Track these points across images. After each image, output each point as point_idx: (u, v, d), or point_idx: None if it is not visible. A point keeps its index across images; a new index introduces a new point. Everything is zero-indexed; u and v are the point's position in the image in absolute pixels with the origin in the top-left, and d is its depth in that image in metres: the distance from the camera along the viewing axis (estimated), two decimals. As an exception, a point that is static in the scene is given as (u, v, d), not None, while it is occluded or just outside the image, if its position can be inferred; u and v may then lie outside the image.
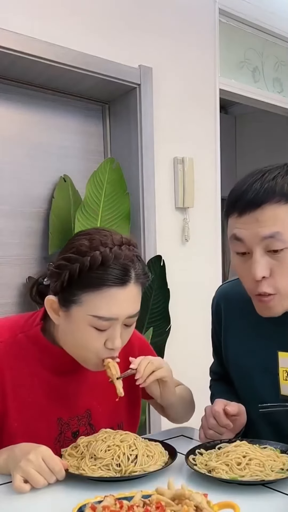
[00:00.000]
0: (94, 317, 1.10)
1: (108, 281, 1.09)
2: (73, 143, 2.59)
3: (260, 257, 1.09)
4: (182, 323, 2.60)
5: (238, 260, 1.15)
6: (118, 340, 1.13)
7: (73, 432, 1.22)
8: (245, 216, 1.10)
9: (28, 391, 1.18)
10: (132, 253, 1.14)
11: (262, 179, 1.10)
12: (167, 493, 0.87)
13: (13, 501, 1.00)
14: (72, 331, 1.14)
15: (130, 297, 1.13)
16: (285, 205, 1.08)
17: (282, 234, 1.07)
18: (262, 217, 1.08)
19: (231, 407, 1.20)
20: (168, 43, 2.64)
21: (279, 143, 4.10)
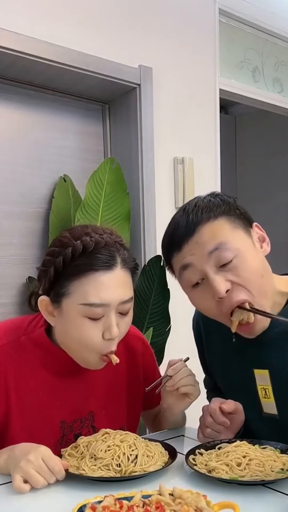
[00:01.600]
0: (84, 305, 1.09)
1: (93, 266, 1.09)
2: (73, 143, 2.59)
3: (215, 274, 1.09)
4: (182, 323, 2.59)
5: (195, 293, 1.15)
6: (115, 329, 1.10)
7: (76, 434, 1.22)
8: (185, 246, 1.11)
9: (31, 393, 1.18)
10: (114, 240, 1.15)
11: (186, 212, 1.14)
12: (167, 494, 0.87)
13: (13, 501, 1.00)
14: (67, 327, 1.13)
15: (118, 282, 1.11)
16: (216, 220, 1.11)
17: (226, 243, 1.09)
18: (201, 239, 1.10)
19: (226, 405, 1.20)
20: (168, 43, 2.64)
21: (279, 143, 4.10)
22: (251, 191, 4.28)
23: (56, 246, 1.15)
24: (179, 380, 1.20)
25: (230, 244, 1.09)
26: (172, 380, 1.20)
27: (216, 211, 1.12)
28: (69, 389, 1.22)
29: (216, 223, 1.10)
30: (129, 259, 1.16)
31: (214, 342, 1.31)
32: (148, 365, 1.38)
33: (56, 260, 1.11)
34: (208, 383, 1.46)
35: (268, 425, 1.22)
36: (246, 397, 1.23)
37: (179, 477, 1.07)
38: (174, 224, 1.15)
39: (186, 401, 1.25)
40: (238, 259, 1.09)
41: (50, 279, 1.12)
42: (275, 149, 4.14)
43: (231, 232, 1.10)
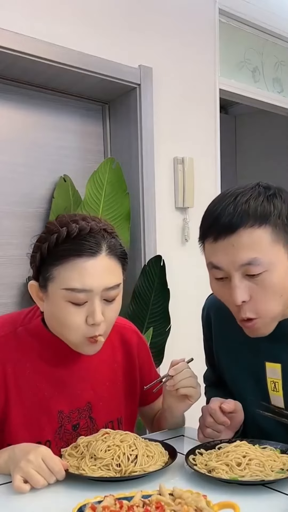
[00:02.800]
0: (67, 290, 1.09)
1: (76, 252, 1.10)
2: (73, 143, 2.59)
3: (239, 282, 1.09)
4: (182, 323, 2.60)
5: (217, 285, 1.15)
6: (98, 315, 1.10)
7: (74, 425, 1.23)
8: (220, 241, 1.09)
9: (30, 383, 1.19)
10: (101, 227, 1.15)
11: (235, 203, 1.08)
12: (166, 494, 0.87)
13: (13, 501, 1.00)
14: (52, 311, 1.14)
15: (103, 268, 1.12)
16: (259, 229, 1.06)
17: (259, 259, 1.07)
18: (237, 243, 1.07)
19: (226, 405, 1.20)
20: (168, 43, 2.64)
21: (279, 143, 4.10)
22: (253, 185, 4.27)
23: (44, 232, 1.17)
24: (179, 381, 1.19)
25: (264, 259, 1.07)
26: (173, 380, 1.20)
27: (263, 218, 1.07)
28: (67, 379, 1.23)
29: (259, 233, 1.06)
30: (117, 247, 1.16)
31: (225, 333, 1.31)
32: (143, 358, 1.38)
33: (42, 246, 1.13)
34: (209, 378, 1.46)
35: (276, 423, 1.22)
36: (255, 389, 1.24)
37: (179, 477, 1.07)
38: (220, 211, 1.10)
39: (186, 402, 1.25)
40: (267, 274, 1.08)
41: (36, 264, 1.15)
42: (275, 149, 4.14)
43: (269, 246, 1.07)
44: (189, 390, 1.21)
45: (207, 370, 1.48)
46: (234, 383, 1.31)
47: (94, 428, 1.25)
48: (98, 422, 1.25)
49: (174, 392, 1.22)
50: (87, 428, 1.24)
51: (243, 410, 1.25)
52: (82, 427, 1.23)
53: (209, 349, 1.40)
